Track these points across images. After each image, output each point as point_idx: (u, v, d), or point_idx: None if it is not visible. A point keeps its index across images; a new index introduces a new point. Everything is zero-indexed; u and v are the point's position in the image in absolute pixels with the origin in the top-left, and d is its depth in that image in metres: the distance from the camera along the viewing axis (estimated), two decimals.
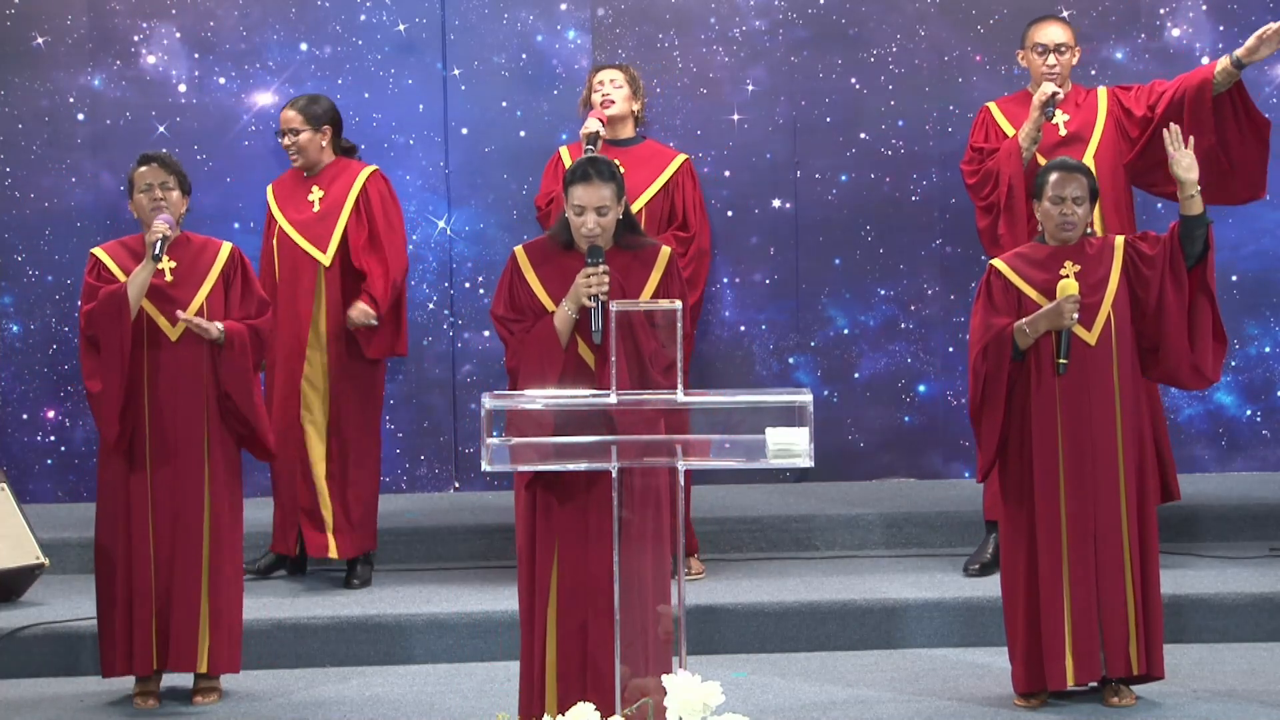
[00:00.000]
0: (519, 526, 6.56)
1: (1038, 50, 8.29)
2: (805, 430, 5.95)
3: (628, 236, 6.59)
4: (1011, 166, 8.14)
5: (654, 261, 6.58)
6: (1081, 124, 8.28)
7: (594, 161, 6.51)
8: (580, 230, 6.48)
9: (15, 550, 8.27)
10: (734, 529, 8.80)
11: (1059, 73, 8.25)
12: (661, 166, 8.54)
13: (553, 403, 6.19)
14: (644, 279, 6.55)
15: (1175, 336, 7.01)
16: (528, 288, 6.56)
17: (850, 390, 9.87)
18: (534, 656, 6.49)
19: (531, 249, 6.62)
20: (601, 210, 6.46)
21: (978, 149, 8.33)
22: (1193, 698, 7.12)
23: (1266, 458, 9.85)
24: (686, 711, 5.49)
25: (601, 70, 8.61)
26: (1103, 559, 6.95)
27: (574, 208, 6.48)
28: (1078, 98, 8.35)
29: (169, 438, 7.23)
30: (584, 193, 6.46)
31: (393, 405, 9.83)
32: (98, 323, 7.19)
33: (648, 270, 6.56)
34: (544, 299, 6.53)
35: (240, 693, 7.47)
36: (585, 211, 6.46)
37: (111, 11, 9.76)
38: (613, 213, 6.49)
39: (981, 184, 8.25)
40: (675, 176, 8.54)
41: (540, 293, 6.54)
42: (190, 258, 7.32)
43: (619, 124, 8.54)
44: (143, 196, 7.27)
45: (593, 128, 8.38)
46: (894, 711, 7.09)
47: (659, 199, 8.50)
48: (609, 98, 8.52)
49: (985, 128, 8.39)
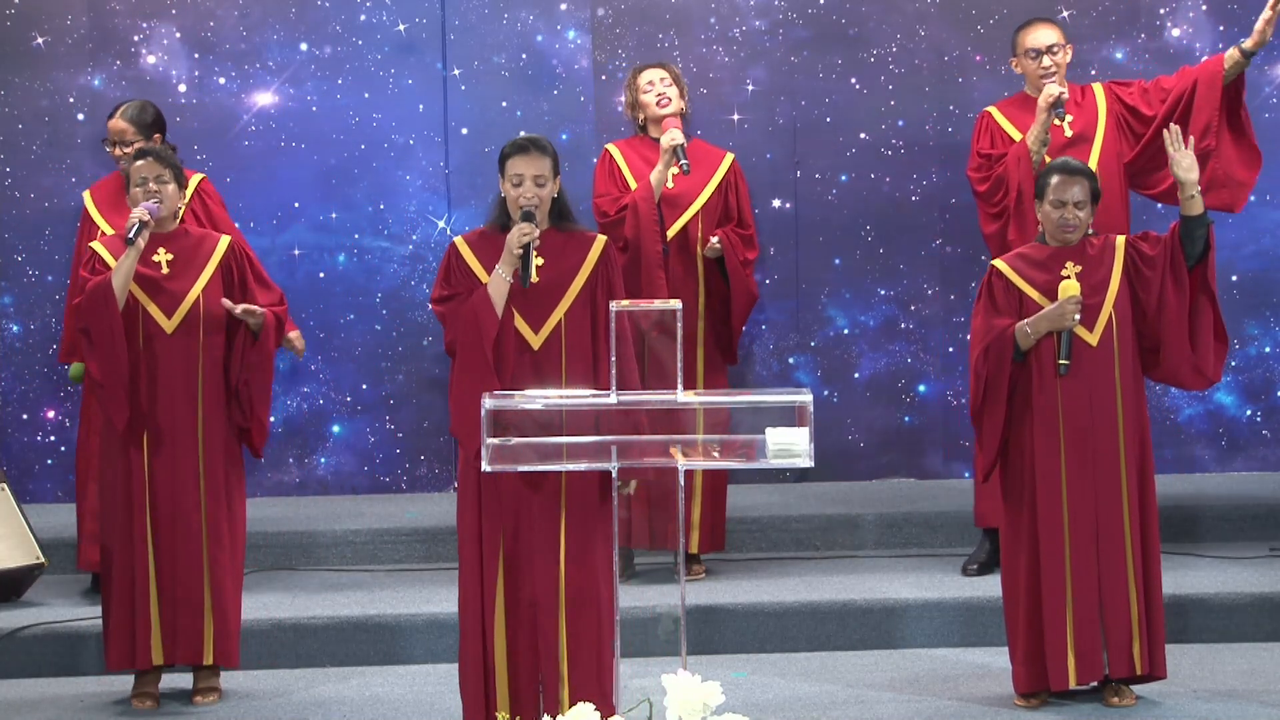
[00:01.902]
0: (461, 523, 6.65)
1: (1030, 55, 8.25)
2: (805, 430, 5.96)
3: (562, 221, 6.69)
4: (1022, 171, 8.07)
5: (589, 247, 6.65)
6: (1085, 124, 8.25)
7: (531, 138, 6.62)
8: (516, 202, 6.57)
9: (15, 550, 8.27)
10: (734, 529, 8.80)
11: (1055, 73, 8.23)
12: (714, 166, 8.50)
13: (553, 403, 6.20)
14: (579, 262, 6.62)
15: (1176, 337, 7.01)
16: (465, 267, 6.64)
17: (850, 390, 9.87)
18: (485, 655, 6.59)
19: (469, 238, 6.73)
20: (539, 180, 6.57)
21: (985, 155, 8.25)
22: (1193, 698, 7.12)
23: (1266, 458, 9.85)
24: (686, 711, 5.49)
25: (645, 71, 8.49)
26: (1105, 559, 6.95)
27: (512, 178, 6.59)
28: (1076, 96, 8.33)
29: (164, 430, 7.23)
30: (523, 163, 6.58)
31: (393, 405, 9.83)
32: (86, 315, 7.20)
33: (583, 254, 6.63)
34: (481, 275, 6.62)
35: (240, 693, 7.46)
36: (524, 181, 6.57)
37: (111, 11, 9.76)
38: (549, 186, 6.60)
39: (993, 190, 8.18)
40: (728, 175, 8.51)
41: (479, 271, 6.62)
42: (188, 249, 7.33)
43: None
44: (139, 190, 7.27)
45: (678, 139, 8.25)
46: (894, 711, 7.09)
47: (714, 198, 8.47)
48: (665, 96, 8.42)
49: (990, 133, 8.30)
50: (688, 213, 8.43)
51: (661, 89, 8.41)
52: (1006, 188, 8.13)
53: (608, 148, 8.59)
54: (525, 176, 6.56)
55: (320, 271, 9.84)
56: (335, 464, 9.87)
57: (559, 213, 6.67)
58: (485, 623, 6.58)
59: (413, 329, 9.83)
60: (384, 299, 9.84)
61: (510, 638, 6.56)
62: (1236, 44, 8.15)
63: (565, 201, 6.70)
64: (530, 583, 6.53)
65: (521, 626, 6.54)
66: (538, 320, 6.58)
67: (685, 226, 8.42)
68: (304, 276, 9.73)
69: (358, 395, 9.86)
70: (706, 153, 8.54)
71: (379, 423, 9.84)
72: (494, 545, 6.57)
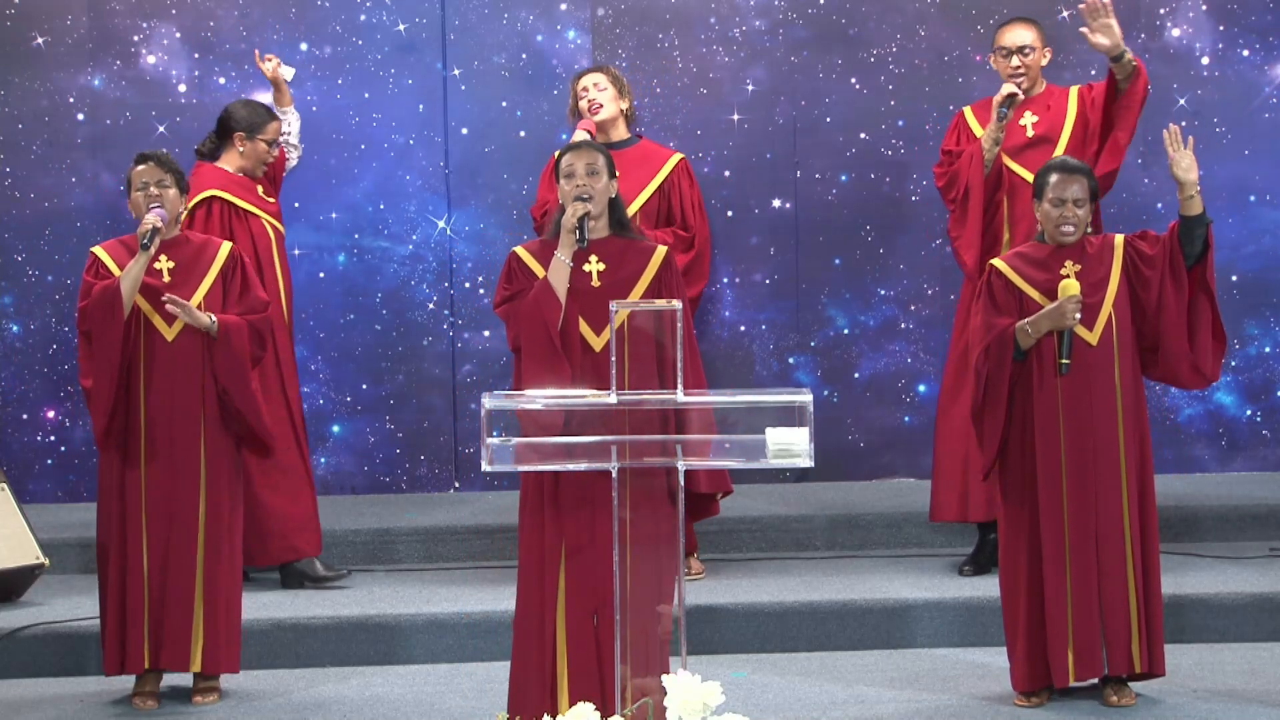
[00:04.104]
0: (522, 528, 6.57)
1: (1002, 53, 8.35)
2: (805, 430, 5.95)
3: (621, 229, 6.63)
4: (972, 169, 8.20)
5: (650, 255, 6.60)
6: (1049, 126, 8.30)
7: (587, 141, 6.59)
8: (570, 191, 6.51)
9: (15, 550, 8.27)
10: (734, 529, 8.80)
11: (1025, 74, 8.29)
12: (656, 167, 8.51)
13: (554, 403, 6.20)
14: (640, 269, 6.57)
15: (1175, 336, 7.01)
16: (526, 269, 6.60)
17: (850, 390, 9.88)
18: (545, 658, 6.49)
19: (529, 246, 6.68)
20: (591, 168, 6.52)
21: (948, 152, 8.43)
22: (1193, 698, 7.12)
23: (1266, 458, 9.85)
24: (686, 711, 5.49)
25: (583, 76, 8.56)
26: (1104, 557, 6.95)
27: (565, 172, 6.55)
28: (1049, 99, 8.37)
29: (165, 436, 7.22)
30: (574, 157, 6.56)
31: (393, 405, 9.84)
32: (91, 317, 7.20)
33: (644, 261, 6.58)
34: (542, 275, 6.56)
35: (240, 693, 7.47)
36: (575, 173, 6.53)
37: (111, 11, 9.76)
38: (604, 179, 6.53)
39: (948, 187, 8.36)
40: (671, 176, 8.52)
41: (539, 271, 6.57)
42: (189, 257, 7.33)
43: (610, 127, 8.49)
44: (139, 195, 7.27)
45: (580, 139, 8.31)
46: (894, 711, 7.09)
47: (654, 200, 8.48)
48: (595, 102, 8.47)
49: (957, 131, 8.48)
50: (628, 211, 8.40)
51: (595, 94, 8.46)
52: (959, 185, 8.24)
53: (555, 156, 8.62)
54: (577, 167, 6.52)
55: (320, 271, 9.84)
56: (335, 464, 9.87)
57: (618, 220, 6.62)
58: (545, 630, 6.51)
59: (413, 329, 9.83)
60: (384, 299, 9.85)
61: (572, 645, 6.49)
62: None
63: (623, 209, 6.66)
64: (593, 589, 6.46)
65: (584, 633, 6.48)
66: (600, 322, 6.54)
67: None
68: (304, 276, 9.73)
69: (358, 395, 9.87)
70: (649, 153, 8.56)
71: (379, 423, 9.84)
72: (555, 552, 6.51)
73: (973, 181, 8.20)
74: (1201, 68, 9.69)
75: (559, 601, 6.47)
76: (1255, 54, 9.64)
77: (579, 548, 6.45)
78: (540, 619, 6.50)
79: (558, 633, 6.47)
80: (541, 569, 6.50)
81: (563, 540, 6.48)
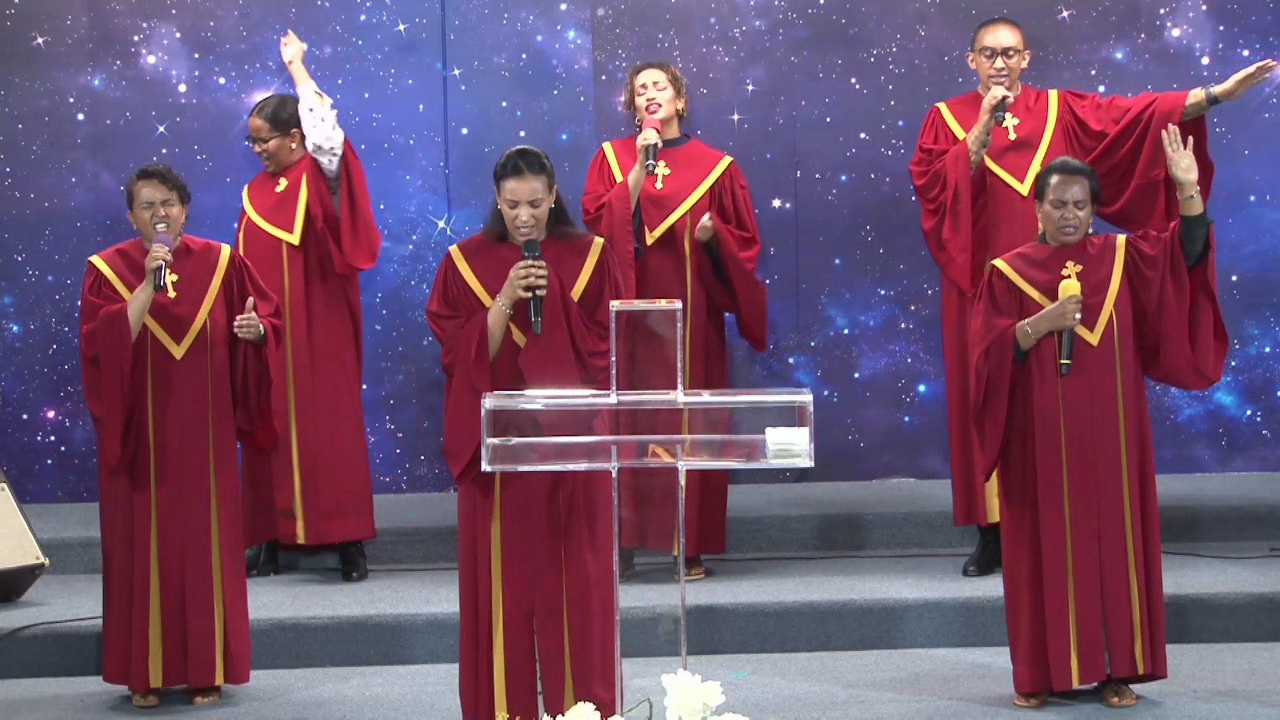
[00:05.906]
0: (461, 526, 6.65)
1: (985, 54, 8.30)
2: (805, 430, 5.95)
3: (559, 227, 6.64)
4: (959, 170, 8.15)
5: (587, 251, 6.62)
6: (1032, 129, 8.28)
7: (523, 154, 6.53)
8: (514, 224, 6.53)
9: (15, 550, 8.27)
10: (734, 529, 8.80)
11: (1007, 76, 8.26)
12: (708, 169, 8.48)
13: (553, 403, 6.20)
14: (577, 268, 6.60)
15: (1176, 336, 7.02)
16: (462, 282, 6.60)
17: (850, 390, 9.88)
18: (479, 659, 6.57)
19: (465, 246, 6.68)
20: (534, 202, 6.52)
21: (927, 150, 8.36)
22: (1193, 698, 7.12)
23: (1266, 458, 9.85)
24: (686, 711, 5.49)
25: (643, 71, 8.50)
26: (1106, 559, 6.95)
27: (507, 201, 6.53)
28: (1028, 101, 8.35)
29: (173, 456, 7.21)
30: (516, 186, 6.52)
31: (393, 405, 9.84)
32: (98, 344, 7.16)
33: (581, 259, 6.60)
34: (479, 292, 6.58)
35: (240, 693, 7.46)
36: (519, 205, 6.51)
37: (111, 11, 9.76)
38: (545, 204, 6.55)
39: (929, 185, 8.28)
40: (721, 179, 8.48)
41: (475, 286, 6.58)
42: (190, 270, 7.28)
43: (665, 126, 8.45)
44: (144, 213, 7.24)
45: (651, 139, 8.24)
46: (894, 711, 7.09)
47: (705, 200, 8.44)
48: (654, 101, 8.42)
49: (935, 128, 8.41)
50: (675, 213, 8.40)
51: (654, 93, 8.42)
52: (943, 184, 8.18)
53: (603, 146, 8.60)
54: (520, 201, 6.52)
55: None
56: None
57: (555, 218, 6.63)
58: (480, 628, 6.57)
59: (413, 329, 9.83)
60: (384, 299, 9.84)
61: (509, 644, 6.55)
62: (1205, 86, 8.12)
63: (563, 206, 6.66)
64: (530, 588, 6.52)
65: (521, 632, 6.53)
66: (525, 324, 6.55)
67: (673, 226, 8.41)
68: None
69: None
70: (702, 154, 8.53)
71: (379, 423, 9.84)
72: (488, 551, 6.57)
73: (962, 183, 8.14)
74: (1201, 68, 9.69)
75: (494, 605, 6.55)
76: (1255, 54, 9.63)
77: (513, 550, 6.50)
78: (476, 622, 6.59)
79: (494, 636, 6.56)
80: (475, 572, 6.59)
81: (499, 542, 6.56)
